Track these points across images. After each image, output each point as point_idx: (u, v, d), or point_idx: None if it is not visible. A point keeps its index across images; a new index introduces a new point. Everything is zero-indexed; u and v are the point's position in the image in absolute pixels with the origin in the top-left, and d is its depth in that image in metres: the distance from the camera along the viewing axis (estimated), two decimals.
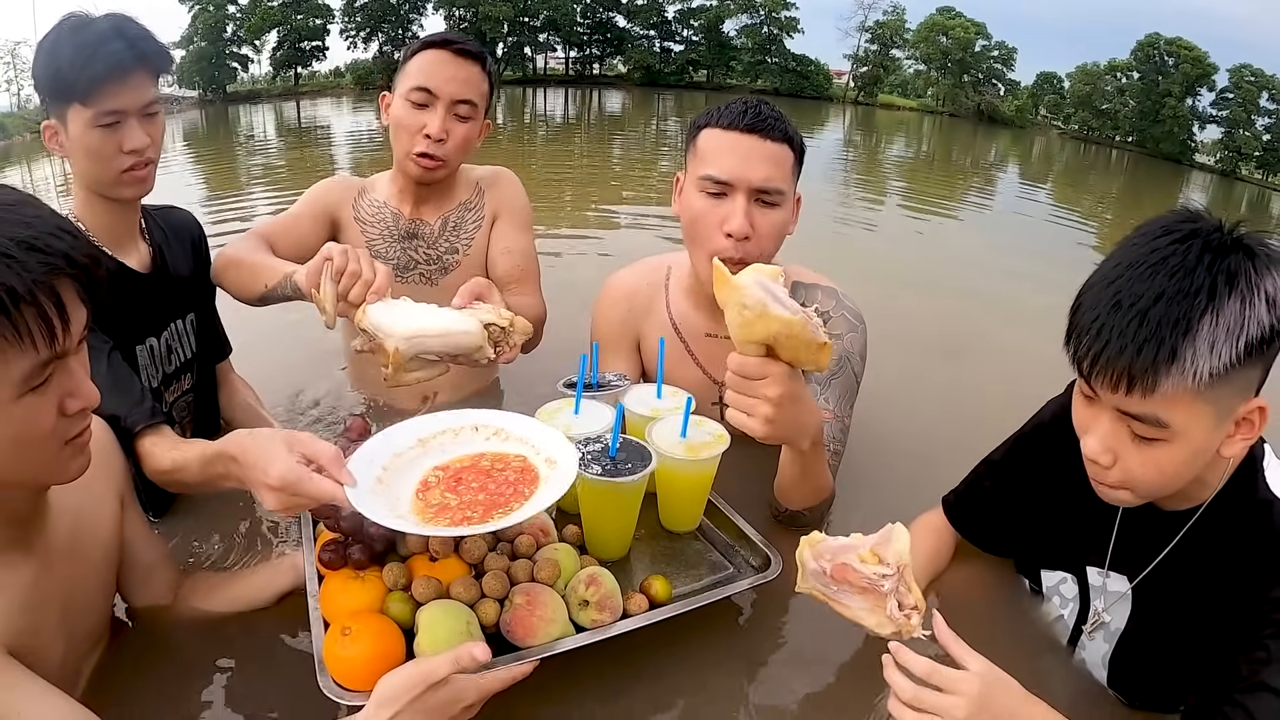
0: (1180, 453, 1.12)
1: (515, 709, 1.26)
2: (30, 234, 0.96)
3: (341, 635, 1.19)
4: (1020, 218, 9.59)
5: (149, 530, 1.51)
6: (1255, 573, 1.18)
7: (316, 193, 2.27)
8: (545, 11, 50.00)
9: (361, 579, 1.31)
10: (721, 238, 1.74)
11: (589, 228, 5.89)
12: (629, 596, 1.37)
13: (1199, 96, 43.17)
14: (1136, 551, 1.37)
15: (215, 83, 41.25)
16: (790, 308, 1.29)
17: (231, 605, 1.50)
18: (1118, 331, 1.07)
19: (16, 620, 1.10)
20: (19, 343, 0.95)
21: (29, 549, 1.17)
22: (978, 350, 3.50)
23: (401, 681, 1.09)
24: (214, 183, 9.26)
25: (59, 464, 1.09)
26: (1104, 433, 1.17)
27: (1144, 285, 1.08)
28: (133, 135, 1.69)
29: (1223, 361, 1.03)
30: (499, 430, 1.40)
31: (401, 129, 2.07)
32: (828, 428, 1.78)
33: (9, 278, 0.92)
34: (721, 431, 1.55)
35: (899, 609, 1.24)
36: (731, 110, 1.76)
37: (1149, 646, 1.36)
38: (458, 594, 1.28)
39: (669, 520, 1.64)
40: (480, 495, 1.25)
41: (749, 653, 1.49)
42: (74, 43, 1.63)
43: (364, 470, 1.23)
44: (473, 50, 2.05)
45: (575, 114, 28.54)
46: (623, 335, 2.10)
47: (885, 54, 53.86)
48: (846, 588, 1.27)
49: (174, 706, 1.33)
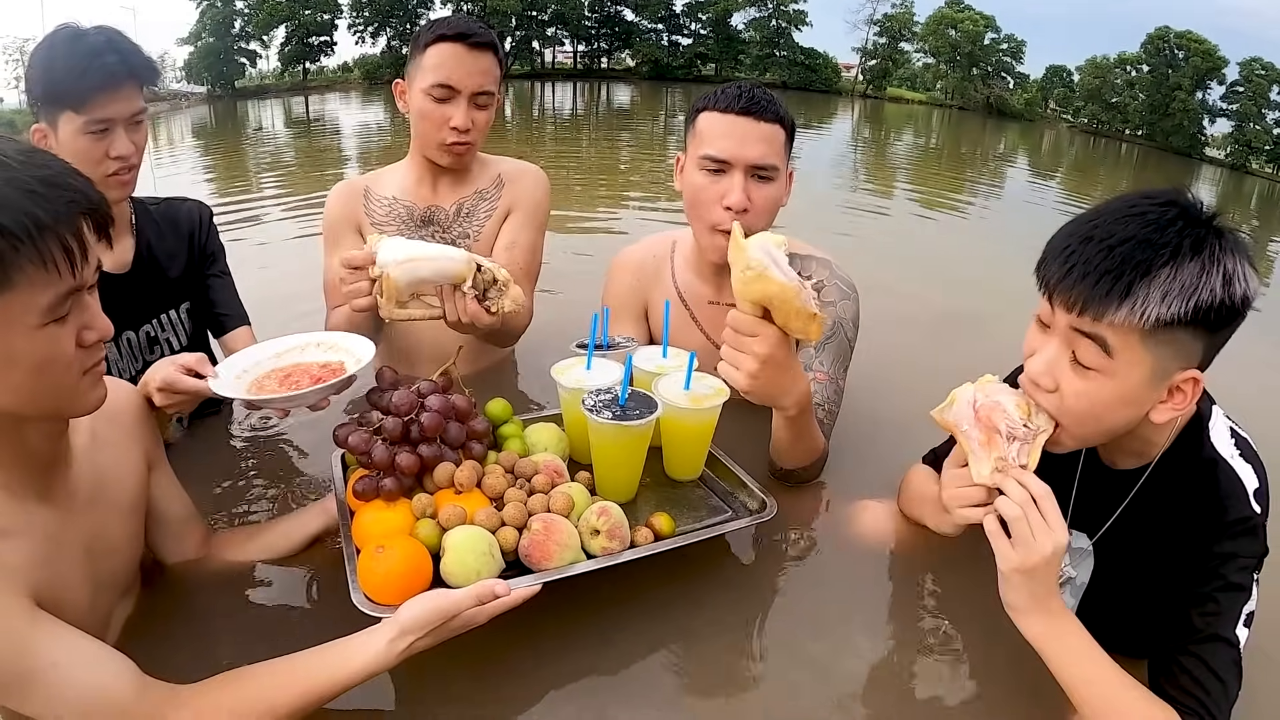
0: (1112, 390, 1.19)
1: (533, 630, 1.39)
2: (50, 173, 1.05)
3: (375, 553, 1.30)
4: (1029, 209, 9.68)
5: (179, 491, 1.58)
6: (1201, 529, 1.27)
7: (331, 212, 2.33)
8: (553, 5, 49.96)
9: (392, 508, 1.43)
10: (720, 211, 1.88)
11: (600, 215, 6.00)
12: (636, 529, 1.47)
13: (1209, 90, 42.95)
14: (1094, 511, 1.46)
15: (224, 78, 41.25)
16: (788, 275, 1.40)
17: (265, 553, 1.60)
18: (1083, 259, 1.16)
19: (39, 571, 1.16)
20: (44, 271, 1.03)
21: (50, 498, 1.23)
22: (976, 330, 3.58)
23: (423, 612, 1.21)
24: (223, 177, 9.33)
25: (78, 394, 1.16)
26: (1050, 356, 1.24)
27: (1117, 227, 1.16)
28: (120, 142, 1.81)
29: (1171, 312, 1.11)
30: (333, 345, 1.70)
31: (427, 121, 2.14)
32: (822, 389, 1.91)
33: (35, 210, 1.00)
34: (721, 385, 1.65)
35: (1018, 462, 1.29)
36: (728, 94, 1.89)
37: (1112, 599, 1.45)
38: (480, 521, 1.39)
39: (673, 469, 1.74)
40: (298, 383, 1.57)
41: (746, 586, 1.60)
42: (70, 53, 1.74)
43: (227, 371, 1.58)
44: (487, 40, 2.11)
45: (584, 107, 28.50)
46: (632, 303, 2.23)
47: (894, 47, 53.68)
48: (979, 427, 1.32)
49: (206, 648, 1.42)
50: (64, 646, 1.11)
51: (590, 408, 1.52)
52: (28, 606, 1.11)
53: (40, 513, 1.21)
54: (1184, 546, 1.28)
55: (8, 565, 1.11)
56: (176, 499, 1.57)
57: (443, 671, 1.34)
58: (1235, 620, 1.21)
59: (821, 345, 1.96)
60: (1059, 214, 9.01)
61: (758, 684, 1.39)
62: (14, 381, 1.08)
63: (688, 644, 1.46)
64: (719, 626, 1.49)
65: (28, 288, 1.02)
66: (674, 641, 1.45)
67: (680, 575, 1.56)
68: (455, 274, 1.70)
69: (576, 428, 1.69)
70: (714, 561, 1.64)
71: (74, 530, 1.26)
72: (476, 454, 1.55)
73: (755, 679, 1.40)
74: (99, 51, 1.75)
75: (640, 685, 1.37)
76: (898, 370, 2.74)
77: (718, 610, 1.52)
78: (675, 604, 1.52)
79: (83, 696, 1.10)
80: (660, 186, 7.69)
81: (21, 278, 1.01)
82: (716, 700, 1.38)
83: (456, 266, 1.70)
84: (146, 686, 1.15)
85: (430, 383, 1.56)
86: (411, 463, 1.44)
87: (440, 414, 1.49)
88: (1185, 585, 1.26)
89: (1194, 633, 1.22)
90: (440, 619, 1.21)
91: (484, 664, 1.36)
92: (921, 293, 4.16)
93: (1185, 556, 1.28)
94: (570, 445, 1.73)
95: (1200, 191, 1.28)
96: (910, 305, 3.75)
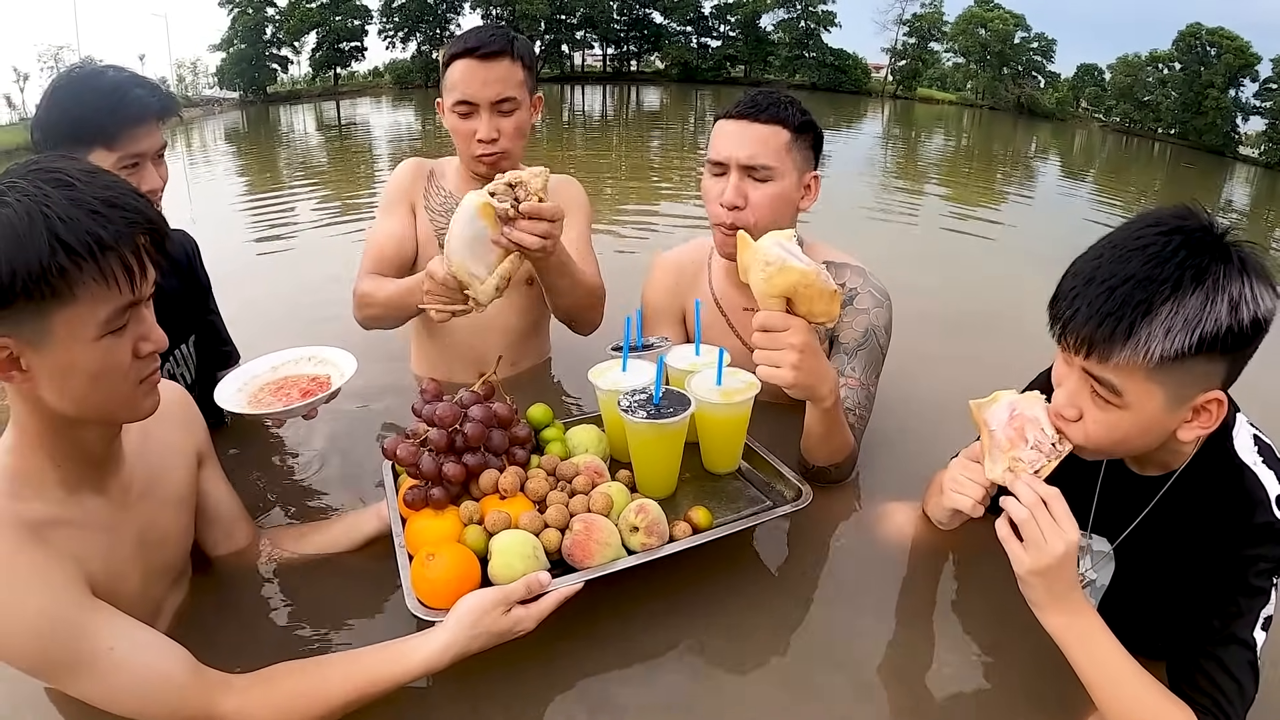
0: (1131, 422, 1.23)
1: (575, 625, 1.42)
2: (112, 194, 1.11)
3: (427, 560, 1.36)
4: (1061, 210, 9.62)
5: (228, 488, 1.65)
6: (1227, 534, 1.28)
7: (398, 182, 2.40)
8: (582, 9, 50.11)
9: (441, 516, 1.49)
10: (717, 208, 1.96)
11: (632, 219, 6.06)
12: (674, 523, 1.52)
13: (1242, 87, 42.42)
14: (1116, 516, 1.47)
15: (256, 84, 41.80)
16: (804, 261, 1.46)
17: (319, 550, 1.66)
18: (1086, 301, 1.19)
19: (95, 561, 1.22)
20: (105, 286, 1.10)
21: (105, 492, 1.30)
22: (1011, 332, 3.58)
23: (479, 604, 1.28)
24: (256, 177, 9.46)
25: (133, 401, 1.22)
26: (1072, 389, 1.28)
27: (1119, 266, 1.18)
28: (149, 177, 1.81)
29: (1175, 347, 1.13)
30: (322, 360, 1.98)
31: (458, 136, 2.23)
32: (853, 394, 1.95)
33: (98, 229, 1.07)
34: (753, 379, 1.69)
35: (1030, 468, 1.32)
36: (736, 101, 1.98)
37: (1132, 602, 1.47)
38: (525, 525, 1.45)
39: (710, 462, 1.79)
40: (289, 395, 1.85)
41: (775, 584, 1.64)
42: (96, 90, 1.73)
43: (229, 385, 1.89)
44: (496, 48, 2.13)
45: (614, 110, 28.60)
46: (671, 305, 2.29)
47: (923, 47, 53.39)
48: (1008, 430, 1.36)
49: (251, 638, 1.48)
50: (120, 632, 1.16)
51: (626, 408, 1.57)
52: (86, 592, 1.17)
53: (96, 506, 1.28)
54: (1206, 551, 1.30)
55: (66, 553, 1.17)
56: (225, 495, 1.64)
57: (485, 668, 1.37)
58: (1254, 623, 1.22)
59: (854, 351, 2.00)
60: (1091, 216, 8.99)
61: (786, 683, 1.42)
62: (73, 388, 1.14)
63: (717, 640, 1.49)
64: (748, 624, 1.53)
65: (89, 302, 1.09)
66: (704, 638, 1.49)
67: (711, 572, 1.60)
68: (475, 209, 1.68)
69: (615, 428, 1.74)
70: (746, 557, 1.68)
71: (128, 523, 1.33)
72: (519, 459, 1.61)
73: (782, 678, 1.43)
74: (127, 86, 1.76)
75: (664, 680, 1.41)
76: (930, 373, 2.76)
77: (746, 610, 1.56)
78: (708, 601, 1.56)
79: (138, 679, 1.15)
80: (691, 189, 7.73)
81: (84, 292, 1.08)
82: (741, 695, 1.41)
83: (470, 203, 1.68)
84: (200, 672, 1.20)
85: (472, 393, 1.61)
86: (458, 472, 1.50)
87: (483, 423, 1.54)
88: (1206, 588, 1.28)
89: (1212, 634, 1.24)
90: (497, 610, 1.27)
91: (520, 659, 1.40)
92: (955, 296, 4.17)
93: (1207, 560, 1.29)
94: (610, 445, 1.78)
95: (1234, 191, 1.30)
96: (944, 309, 3.75)
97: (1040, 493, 1.25)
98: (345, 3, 45.08)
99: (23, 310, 1.05)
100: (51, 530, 1.18)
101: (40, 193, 1.05)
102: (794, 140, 1.95)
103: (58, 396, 1.14)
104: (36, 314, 1.06)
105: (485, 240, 1.69)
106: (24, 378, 1.12)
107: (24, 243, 1.02)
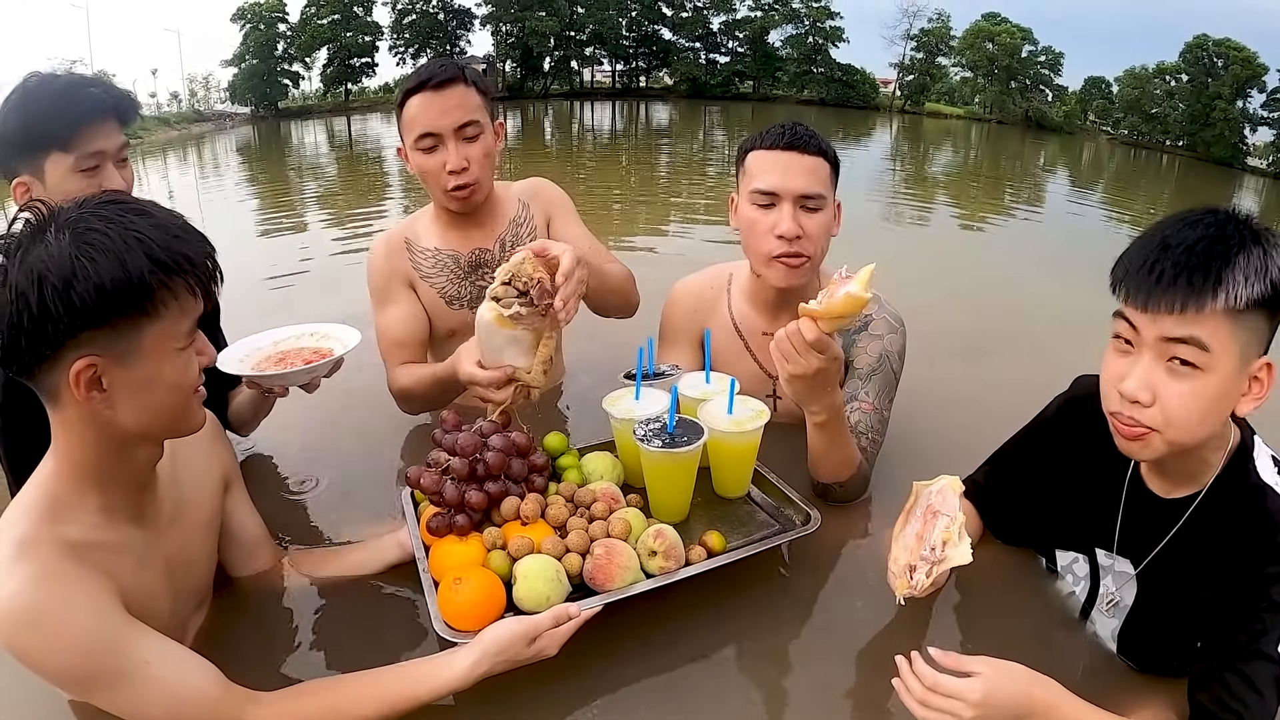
0: (1214, 385, 1.25)
1: (598, 644, 1.47)
2: (183, 220, 1.23)
3: (453, 584, 1.42)
4: (1070, 223, 9.67)
5: (252, 510, 1.71)
6: (1251, 553, 1.30)
7: (379, 269, 2.36)
8: (591, 25, 50.08)
9: (464, 542, 1.55)
10: (773, 240, 1.98)
11: (642, 238, 6.10)
12: (689, 548, 1.59)
13: (1249, 98, 42.17)
14: (1139, 539, 1.50)
15: (267, 99, 41.84)
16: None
17: (338, 574, 1.71)
18: (1170, 263, 1.24)
19: (132, 584, 1.27)
20: (189, 301, 1.21)
21: (140, 519, 1.35)
22: (1017, 349, 3.62)
23: (508, 634, 1.33)
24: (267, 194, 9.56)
25: (192, 412, 1.31)
26: (1143, 372, 1.29)
27: (1188, 232, 1.26)
28: (111, 179, 1.78)
29: (1255, 292, 1.20)
30: (325, 335, 1.98)
31: (428, 175, 2.21)
32: (866, 418, 2.01)
33: (183, 249, 1.19)
34: (763, 408, 1.77)
35: (909, 574, 1.45)
36: (772, 133, 2.01)
37: (1155, 623, 1.49)
38: (547, 550, 1.51)
39: (721, 487, 1.86)
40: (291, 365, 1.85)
41: (786, 607, 1.68)
42: (47, 93, 1.71)
43: (231, 354, 1.87)
44: (448, 75, 2.13)
45: (623, 126, 28.67)
46: (690, 330, 2.31)
47: (931, 61, 53.16)
48: (917, 524, 1.49)
49: (274, 658, 1.52)
50: (154, 648, 1.21)
51: (641, 437, 1.64)
52: (123, 610, 1.21)
53: (133, 533, 1.33)
54: (1231, 570, 1.32)
55: (107, 572, 1.23)
56: (249, 517, 1.70)
57: (509, 686, 1.40)
58: (1278, 639, 1.24)
59: (868, 376, 2.06)
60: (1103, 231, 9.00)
61: (800, 699, 1.47)
62: (153, 400, 1.23)
63: (729, 662, 1.54)
64: (760, 645, 1.57)
65: (176, 316, 1.20)
66: (717, 657, 1.54)
67: (724, 594, 1.65)
68: (491, 316, 1.66)
69: (629, 454, 1.81)
70: (758, 581, 1.72)
71: (158, 547, 1.38)
72: (538, 486, 1.67)
73: (797, 695, 1.48)
74: (79, 85, 1.74)
75: (678, 701, 1.45)
76: (944, 396, 2.80)
77: (759, 630, 1.60)
78: (721, 622, 1.61)
79: (172, 693, 1.20)
80: (701, 206, 7.77)
81: (173, 307, 1.19)
82: (759, 711, 1.45)
83: (494, 330, 1.68)
84: (229, 688, 1.26)
85: (491, 423, 1.68)
86: (481, 500, 1.56)
87: (503, 452, 1.61)
88: (1230, 606, 1.30)
89: (1237, 649, 1.26)
90: (523, 641, 1.33)
91: (544, 677, 1.43)
92: (969, 315, 4.21)
93: (1231, 580, 1.31)
94: (624, 470, 1.84)
95: (1243, 202, 1.38)
96: (960, 331, 3.78)
97: (925, 681, 1.26)
98: (356, 19, 45.22)
99: (116, 328, 1.14)
100: (89, 552, 1.22)
101: (126, 219, 1.15)
102: (831, 171, 2.02)
103: (136, 410, 1.22)
104: (130, 329, 1.16)
105: (515, 340, 1.70)
106: (102, 398, 1.18)
107: (125, 263, 1.12)
